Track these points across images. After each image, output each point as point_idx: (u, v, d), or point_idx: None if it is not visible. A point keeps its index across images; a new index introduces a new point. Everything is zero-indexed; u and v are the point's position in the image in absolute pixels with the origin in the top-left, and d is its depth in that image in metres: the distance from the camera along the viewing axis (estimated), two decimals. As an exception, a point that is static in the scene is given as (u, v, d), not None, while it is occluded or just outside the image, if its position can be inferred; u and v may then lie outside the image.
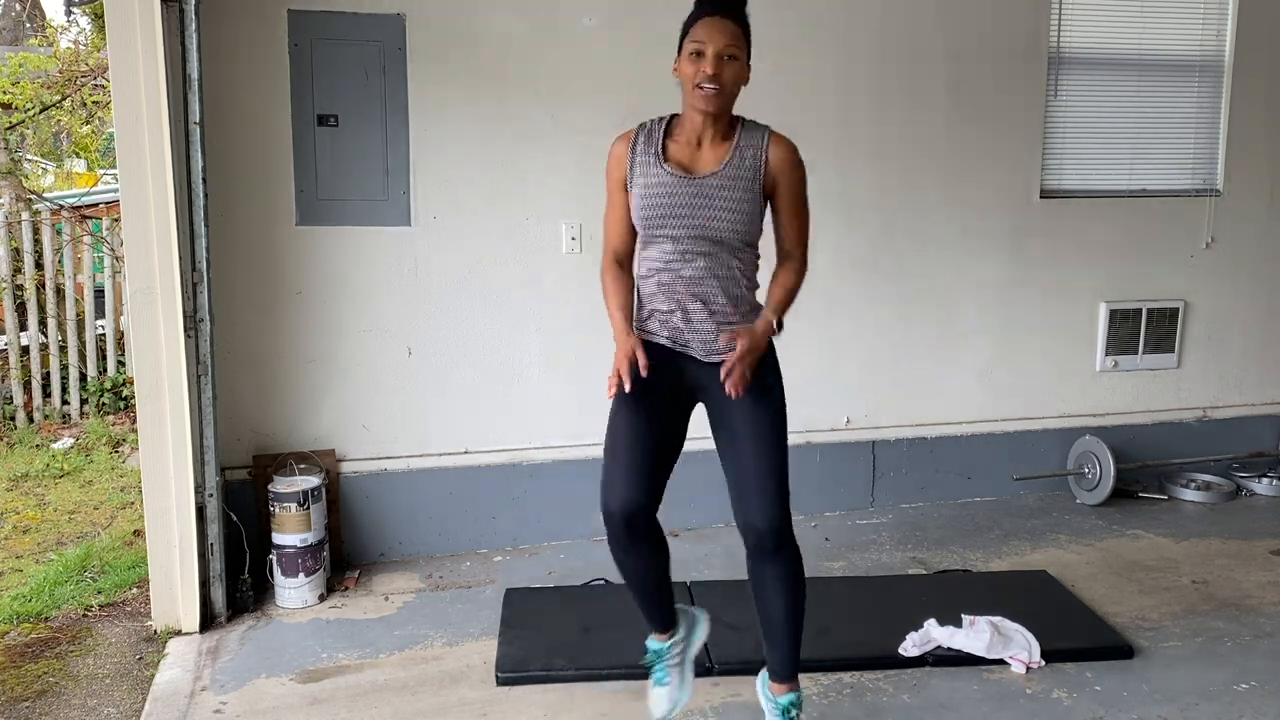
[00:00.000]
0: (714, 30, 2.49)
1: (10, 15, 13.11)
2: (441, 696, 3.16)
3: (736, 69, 2.53)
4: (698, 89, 2.49)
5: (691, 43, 2.50)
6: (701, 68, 2.47)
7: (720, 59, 2.48)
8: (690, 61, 2.50)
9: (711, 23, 2.50)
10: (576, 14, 4.15)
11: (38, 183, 9.99)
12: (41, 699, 3.20)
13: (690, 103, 2.54)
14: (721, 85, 2.49)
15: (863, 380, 4.72)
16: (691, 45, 2.50)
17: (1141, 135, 4.97)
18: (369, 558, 4.20)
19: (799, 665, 2.80)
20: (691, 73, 2.49)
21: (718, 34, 2.49)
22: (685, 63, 2.51)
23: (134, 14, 3.29)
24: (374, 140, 4.00)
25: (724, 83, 2.49)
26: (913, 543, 4.42)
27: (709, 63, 2.47)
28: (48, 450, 6.03)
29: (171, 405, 3.46)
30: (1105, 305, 4.99)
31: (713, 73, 2.47)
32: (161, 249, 3.40)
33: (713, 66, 2.47)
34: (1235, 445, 5.24)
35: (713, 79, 2.47)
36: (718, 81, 2.48)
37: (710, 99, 2.49)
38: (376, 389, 4.14)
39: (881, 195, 4.62)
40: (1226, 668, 3.33)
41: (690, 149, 2.60)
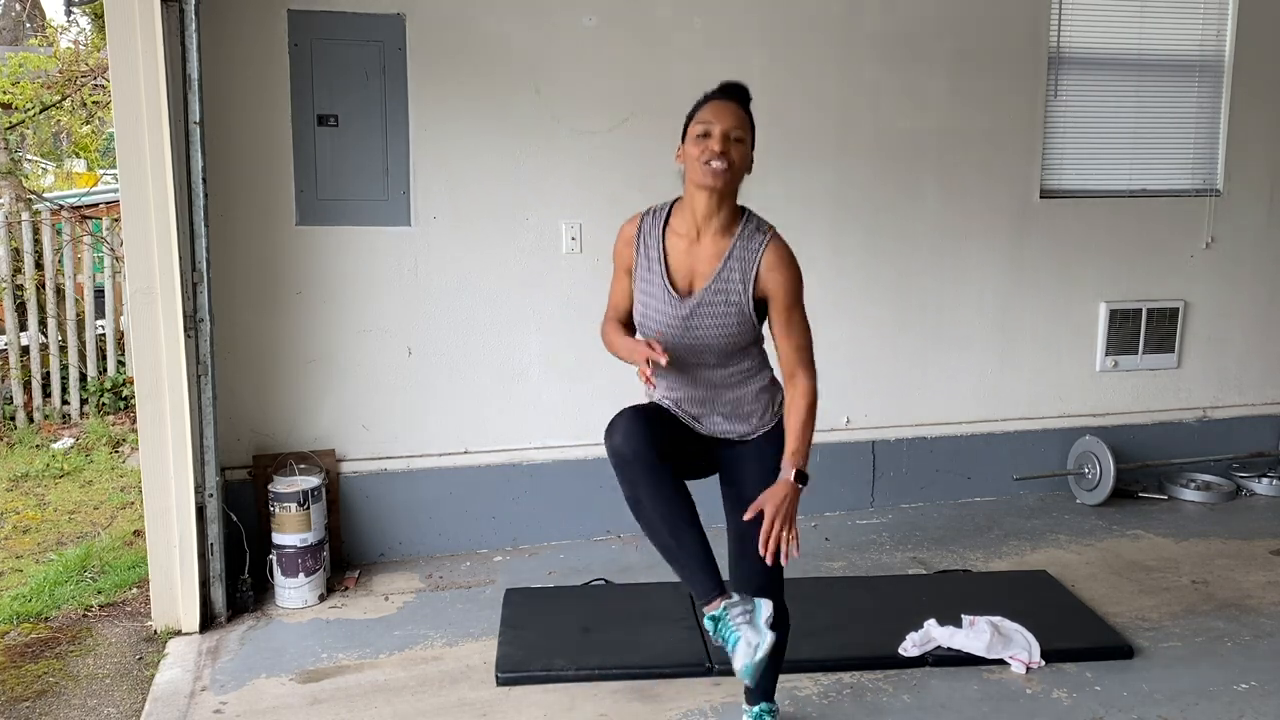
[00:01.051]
0: (722, 112, 2.50)
1: (10, 15, 13.11)
2: (441, 696, 3.16)
3: (743, 151, 2.51)
4: (705, 165, 2.46)
5: (698, 124, 2.49)
6: (709, 145, 2.46)
7: (727, 138, 2.47)
8: (696, 142, 2.48)
9: (719, 105, 2.51)
10: (576, 14, 4.15)
11: (38, 183, 9.99)
12: (41, 699, 3.20)
13: (695, 181, 2.50)
14: (729, 163, 2.47)
15: (863, 380, 4.72)
16: (698, 126, 2.49)
17: (1141, 135, 4.97)
18: (369, 558, 4.20)
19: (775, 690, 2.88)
20: (698, 152, 2.47)
21: (726, 115, 2.49)
22: (691, 143, 2.49)
23: (134, 14, 3.29)
24: (374, 140, 4.00)
25: (731, 160, 2.47)
26: (913, 543, 4.42)
27: (717, 141, 2.46)
28: (48, 450, 6.03)
29: (171, 405, 3.46)
30: (1105, 305, 4.99)
31: (720, 150, 2.46)
32: (161, 249, 3.40)
33: (720, 144, 2.46)
34: (1235, 445, 5.25)
35: (721, 155, 2.46)
36: (725, 159, 2.46)
37: (718, 174, 2.46)
38: (376, 389, 4.14)
39: (881, 195, 4.62)
40: (1226, 668, 3.33)
41: (689, 244, 2.57)
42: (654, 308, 2.57)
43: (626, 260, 2.66)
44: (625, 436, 2.51)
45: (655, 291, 2.57)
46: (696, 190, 2.52)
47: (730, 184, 2.52)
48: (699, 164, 2.47)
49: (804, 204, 4.52)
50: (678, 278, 2.58)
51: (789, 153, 4.47)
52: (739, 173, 2.52)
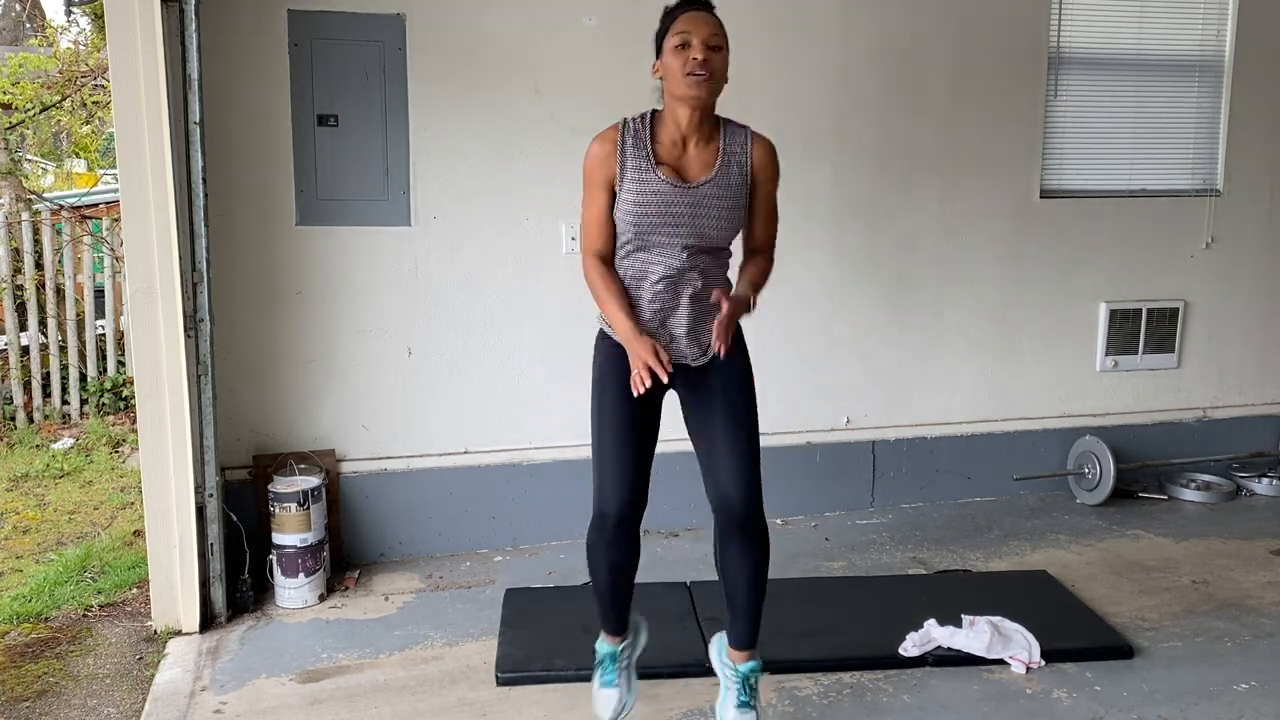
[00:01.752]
0: (698, 21, 2.52)
1: (10, 15, 13.11)
2: (441, 696, 3.16)
3: (723, 58, 2.54)
4: (689, 76, 2.49)
5: (675, 35, 2.51)
6: (690, 55, 2.48)
7: (707, 47, 2.50)
8: (676, 53, 2.50)
9: (694, 15, 2.53)
10: (576, 14, 4.15)
11: (38, 183, 9.99)
12: (41, 699, 3.20)
13: (677, 94, 2.54)
14: (711, 71, 2.50)
15: (863, 380, 4.72)
16: (676, 38, 2.51)
17: (1141, 135, 4.97)
18: (369, 558, 4.20)
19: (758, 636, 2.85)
20: (680, 63, 2.49)
21: (702, 24, 2.51)
22: (670, 55, 2.52)
23: (134, 14, 3.29)
24: (374, 140, 4.00)
25: (713, 69, 2.50)
26: (913, 543, 4.42)
27: (698, 50, 2.48)
28: (48, 450, 6.04)
29: (171, 405, 3.46)
30: (1105, 305, 4.99)
31: (702, 58, 2.48)
32: (161, 249, 3.40)
33: (701, 53, 2.48)
34: (1235, 445, 5.25)
35: (703, 64, 2.48)
36: (707, 68, 2.49)
37: (701, 84, 2.50)
38: (376, 389, 4.14)
39: (881, 195, 4.62)
40: (1226, 668, 3.33)
41: (677, 151, 2.62)
42: (655, 201, 2.57)
43: (608, 173, 2.62)
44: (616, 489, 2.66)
45: (657, 187, 2.57)
46: (679, 103, 2.56)
47: (713, 93, 2.55)
48: (681, 75, 2.49)
49: (804, 204, 4.51)
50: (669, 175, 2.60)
51: (788, 152, 4.40)
52: (720, 81, 2.55)
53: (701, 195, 2.59)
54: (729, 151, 2.62)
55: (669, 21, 2.56)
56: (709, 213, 2.60)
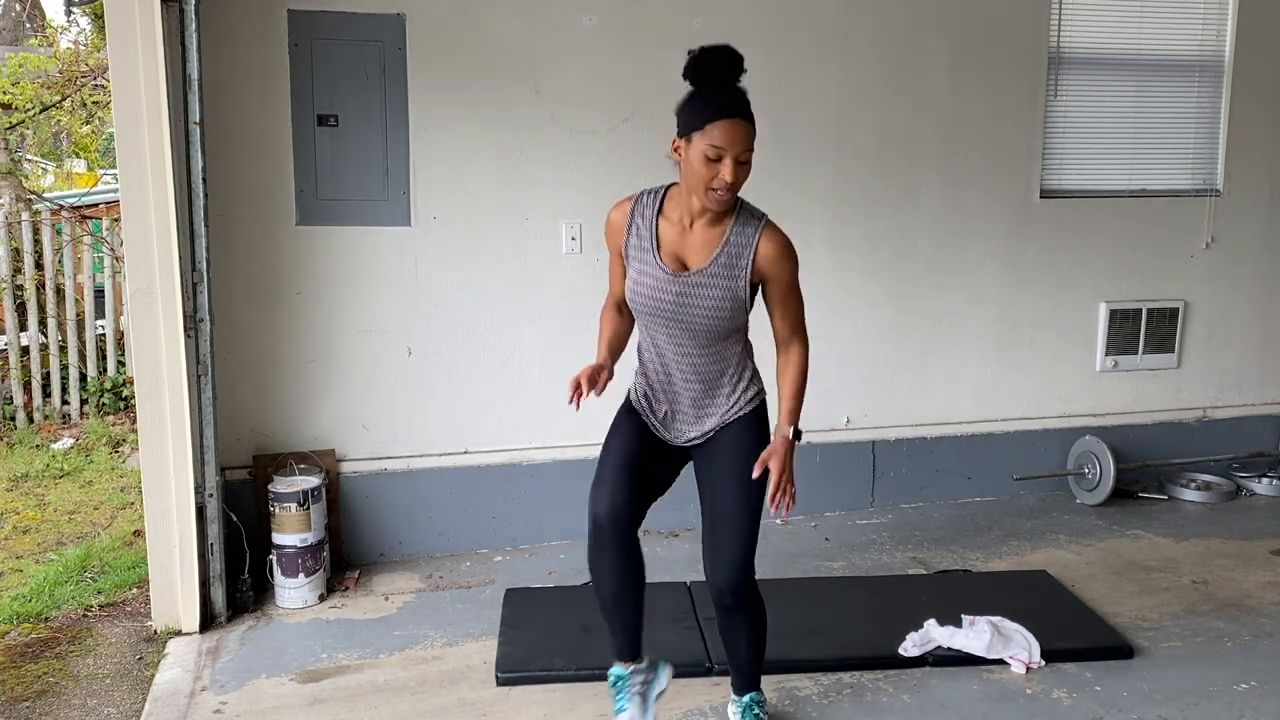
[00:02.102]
0: (735, 135, 2.43)
1: (10, 15, 13.11)
2: (441, 696, 3.16)
3: (748, 170, 2.49)
4: (712, 191, 2.46)
5: (710, 145, 2.42)
6: (721, 175, 2.44)
7: (737, 163, 2.44)
8: (706, 164, 2.44)
9: (733, 127, 2.42)
10: (576, 14, 4.15)
11: (38, 183, 9.99)
12: (41, 699, 3.20)
13: (697, 196, 2.51)
14: (735, 189, 2.48)
15: (863, 380, 4.72)
16: (711, 148, 2.42)
17: (1141, 135, 4.97)
18: (369, 558, 4.20)
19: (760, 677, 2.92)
20: (708, 176, 2.44)
21: (739, 139, 2.43)
22: (700, 161, 2.44)
23: (134, 14, 3.28)
24: (374, 140, 4.00)
25: (738, 183, 2.48)
26: (913, 543, 4.42)
27: (729, 170, 2.43)
28: (48, 450, 6.03)
29: (171, 405, 3.46)
30: (1105, 305, 4.99)
31: (732, 181, 2.44)
32: (161, 249, 3.40)
33: (733, 175, 2.44)
34: (1235, 445, 5.25)
35: (731, 186, 2.45)
36: (735, 187, 2.47)
37: (723, 202, 2.49)
38: (376, 389, 4.14)
39: (881, 195, 4.62)
40: (1226, 668, 3.33)
41: (682, 230, 2.60)
42: (647, 285, 2.60)
43: (618, 243, 2.67)
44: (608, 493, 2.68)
45: (649, 269, 2.60)
46: (694, 199, 2.54)
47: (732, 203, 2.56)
48: (705, 187, 2.47)
49: (804, 204, 4.52)
50: (668, 259, 2.60)
51: (788, 152, 4.47)
52: (740, 189, 2.53)
53: (690, 284, 2.58)
54: (733, 241, 2.57)
55: (705, 117, 2.43)
56: (696, 303, 2.58)
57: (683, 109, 2.50)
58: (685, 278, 2.58)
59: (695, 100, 2.47)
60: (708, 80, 2.47)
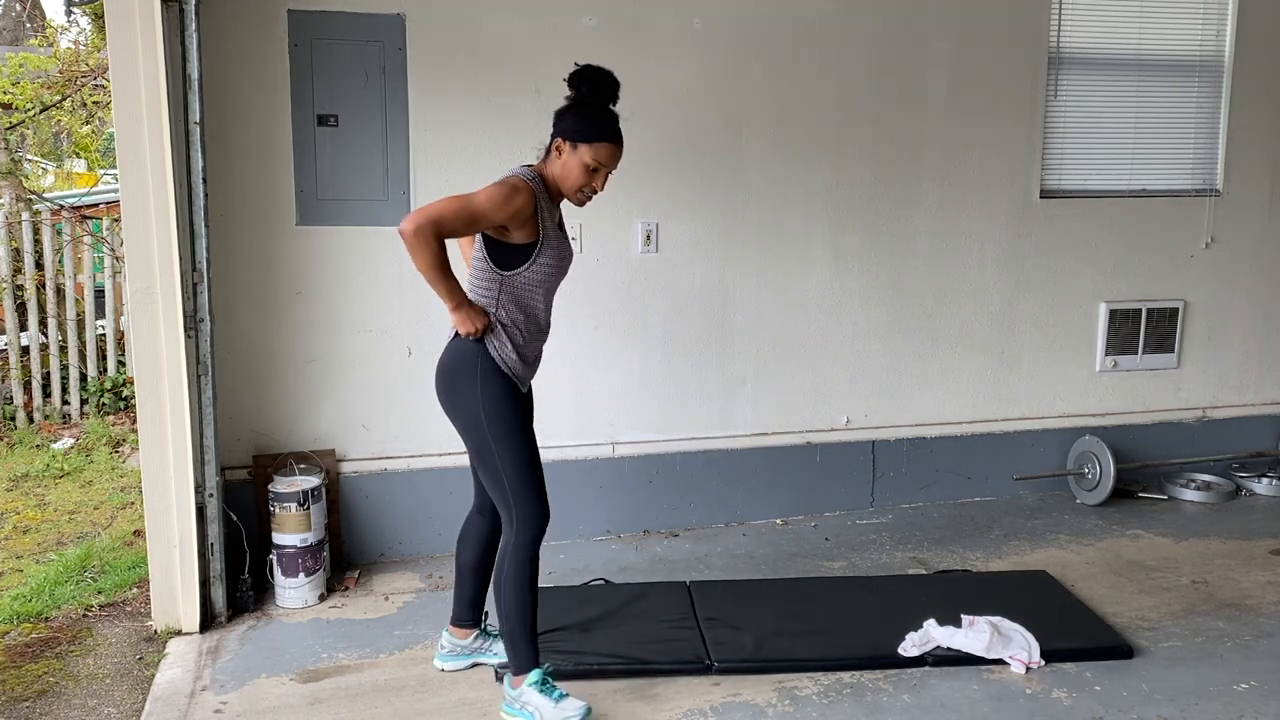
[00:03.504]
0: (616, 156, 2.91)
1: (10, 15, 13.11)
2: (441, 696, 3.16)
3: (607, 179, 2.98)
4: (580, 193, 2.93)
5: (595, 159, 2.87)
6: (595, 184, 2.93)
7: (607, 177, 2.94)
8: (585, 172, 2.89)
9: (616, 150, 2.91)
10: (576, 14, 4.16)
11: (38, 183, 9.99)
12: (41, 699, 3.20)
13: (568, 195, 2.95)
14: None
15: (863, 380, 4.72)
16: (594, 161, 2.88)
17: (1141, 135, 4.97)
18: (369, 558, 4.20)
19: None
20: (584, 182, 2.90)
21: (616, 159, 2.92)
22: (580, 168, 2.88)
23: (134, 14, 3.29)
24: (374, 140, 4.00)
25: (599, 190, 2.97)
26: (913, 543, 4.42)
27: (602, 182, 2.93)
28: (48, 450, 6.04)
29: (171, 405, 3.46)
30: (1105, 305, 4.99)
31: (600, 190, 2.94)
32: (161, 249, 3.40)
33: (602, 187, 2.94)
34: (1235, 445, 5.25)
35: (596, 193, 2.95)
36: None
37: (583, 205, 3.00)
38: (376, 389, 4.14)
39: (881, 195, 4.62)
40: (1226, 668, 3.34)
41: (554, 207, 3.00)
42: (566, 255, 3.01)
43: (529, 213, 2.86)
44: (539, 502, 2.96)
45: (564, 242, 3.01)
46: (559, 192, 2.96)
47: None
48: (576, 190, 2.92)
49: (804, 204, 4.52)
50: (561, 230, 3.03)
51: (789, 153, 4.47)
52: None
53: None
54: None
55: (599, 134, 2.86)
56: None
57: (576, 117, 2.88)
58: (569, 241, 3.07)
59: (591, 115, 2.89)
60: (604, 100, 2.90)
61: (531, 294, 2.95)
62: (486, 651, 3.30)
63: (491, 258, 2.93)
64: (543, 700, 2.92)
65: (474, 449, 2.98)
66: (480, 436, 2.94)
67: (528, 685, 2.95)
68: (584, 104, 2.89)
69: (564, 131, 2.88)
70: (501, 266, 2.92)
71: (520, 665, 2.97)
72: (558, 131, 2.89)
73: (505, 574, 2.94)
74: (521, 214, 2.83)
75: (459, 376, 2.95)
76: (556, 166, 2.91)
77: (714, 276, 4.46)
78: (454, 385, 2.96)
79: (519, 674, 2.97)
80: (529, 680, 2.95)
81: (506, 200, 2.80)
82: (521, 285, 2.93)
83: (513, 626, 2.95)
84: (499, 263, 2.92)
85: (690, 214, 4.40)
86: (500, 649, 3.20)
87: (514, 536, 2.94)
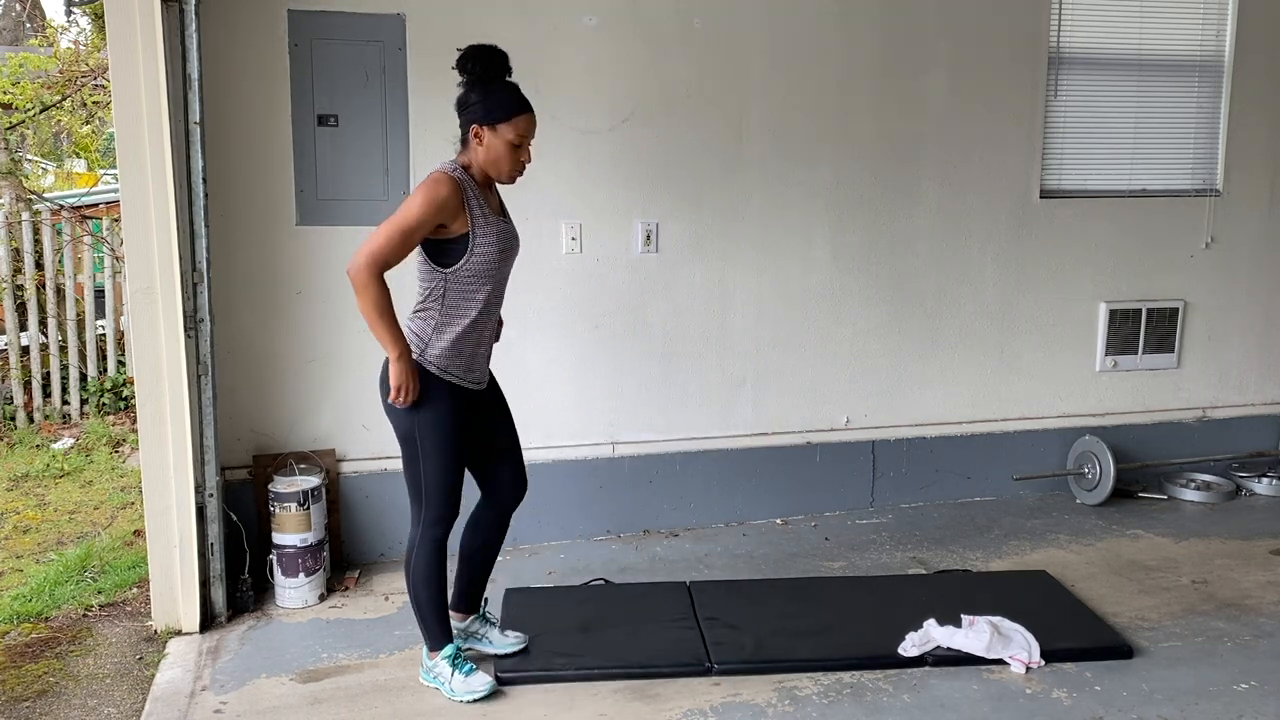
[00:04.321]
0: (533, 126, 2.96)
1: (10, 15, 13.11)
2: (441, 697, 3.16)
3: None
4: (513, 173, 2.98)
5: (517, 134, 2.93)
6: (522, 159, 2.97)
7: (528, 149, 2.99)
8: (510, 149, 2.94)
9: (531, 120, 2.96)
10: (576, 14, 4.16)
11: (38, 183, 9.98)
12: (41, 699, 3.20)
13: (496, 175, 2.99)
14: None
15: (863, 380, 4.72)
16: (516, 137, 2.93)
17: (1141, 135, 4.97)
18: (369, 558, 4.20)
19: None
20: (512, 160, 2.95)
21: (533, 129, 2.97)
22: (504, 147, 2.93)
23: (134, 14, 3.29)
24: (374, 140, 4.00)
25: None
26: (913, 543, 4.43)
27: (527, 154, 2.98)
28: (48, 450, 6.04)
29: (171, 405, 3.47)
30: (1105, 305, 4.99)
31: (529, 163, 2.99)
32: (161, 249, 3.40)
33: (528, 158, 2.98)
34: (1235, 445, 5.25)
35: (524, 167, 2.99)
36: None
37: (515, 180, 3.02)
38: (377, 389, 4.13)
39: (881, 195, 4.62)
40: (1226, 668, 3.34)
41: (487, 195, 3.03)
42: (505, 238, 3.02)
43: (456, 207, 2.89)
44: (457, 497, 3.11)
45: (502, 225, 3.03)
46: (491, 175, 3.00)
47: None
48: (507, 169, 2.96)
49: (804, 204, 4.52)
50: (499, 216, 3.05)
51: (788, 153, 4.47)
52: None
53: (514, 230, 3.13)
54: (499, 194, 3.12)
55: (511, 110, 2.91)
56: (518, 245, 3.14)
57: (483, 99, 2.91)
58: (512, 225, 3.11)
59: (496, 92, 2.92)
60: (499, 74, 2.93)
61: (477, 287, 2.98)
62: (483, 639, 3.35)
63: (431, 257, 2.96)
64: (452, 672, 3.13)
65: (403, 450, 3.10)
66: (411, 447, 3.06)
67: (441, 659, 3.15)
68: (483, 83, 2.92)
69: (476, 117, 2.92)
70: (441, 264, 2.95)
71: (435, 643, 3.17)
72: (469, 119, 2.94)
73: (416, 564, 3.10)
74: (449, 206, 2.87)
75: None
76: (480, 154, 2.95)
77: (714, 276, 4.46)
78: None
79: (434, 650, 3.17)
80: (443, 654, 3.15)
81: (431, 198, 2.85)
82: (466, 278, 2.95)
83: (424, 610, 3.14)
84: (439, 261, 2.95)
85: (690, 214, 4.40)
86: (496, 638, 3.35)
87: (423, 529, 3.09)
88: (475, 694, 3.10)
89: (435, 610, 3.14)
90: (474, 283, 2.97)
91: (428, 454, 3.03)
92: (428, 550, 3.08)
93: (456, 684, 3.11)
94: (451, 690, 3.11)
